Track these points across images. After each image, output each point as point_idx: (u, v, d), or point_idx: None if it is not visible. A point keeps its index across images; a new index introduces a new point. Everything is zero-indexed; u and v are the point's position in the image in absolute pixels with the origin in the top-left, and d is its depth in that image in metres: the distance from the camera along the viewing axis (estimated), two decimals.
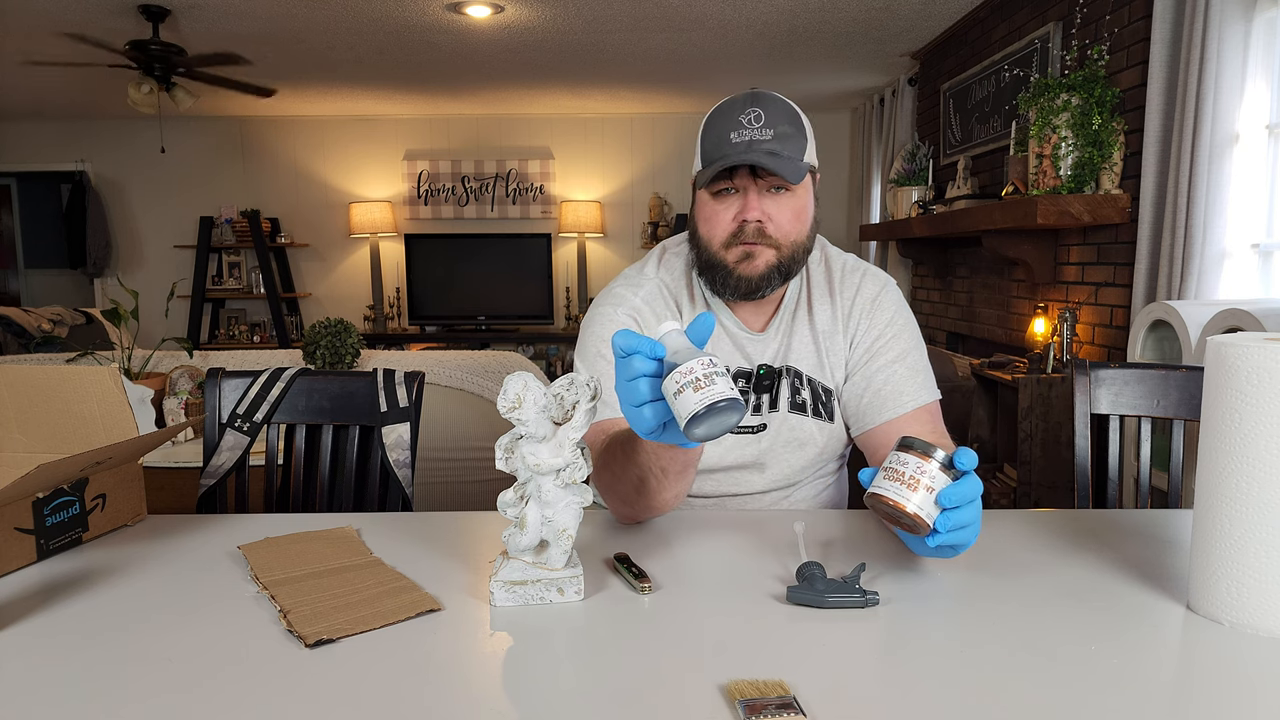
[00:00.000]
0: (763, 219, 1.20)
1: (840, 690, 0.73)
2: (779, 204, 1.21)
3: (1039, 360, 3.08)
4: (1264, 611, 0.82)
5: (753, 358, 1.31)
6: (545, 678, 0.77)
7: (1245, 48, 2.37)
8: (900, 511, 0.88)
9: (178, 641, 0.84)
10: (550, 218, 6.96)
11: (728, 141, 1.19)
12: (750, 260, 1.22)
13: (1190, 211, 2.43)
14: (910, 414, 1.26)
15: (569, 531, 0.92)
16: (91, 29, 4.17)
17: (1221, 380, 0.85)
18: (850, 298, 1.33)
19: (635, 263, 1.40)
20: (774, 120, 1.18)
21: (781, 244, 1.22)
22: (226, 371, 1.57)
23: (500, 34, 4.48)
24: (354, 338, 2.91)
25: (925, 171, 4.66)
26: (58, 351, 3.59)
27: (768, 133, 1.18)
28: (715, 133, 1.21)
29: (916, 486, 0.87)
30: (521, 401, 0.90)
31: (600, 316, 1.31)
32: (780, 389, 1.30)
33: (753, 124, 1.18)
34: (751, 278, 1.22)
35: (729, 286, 1.24)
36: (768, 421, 1.30)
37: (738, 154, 1.17)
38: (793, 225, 1.22)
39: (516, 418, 0.90)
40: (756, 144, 1.17)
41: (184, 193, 6.92)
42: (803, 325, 1.32)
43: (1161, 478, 2.15)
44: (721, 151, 1.19)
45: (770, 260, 1.22)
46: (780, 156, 1.17)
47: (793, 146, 1.19)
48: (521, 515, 0.92)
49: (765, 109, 1.19)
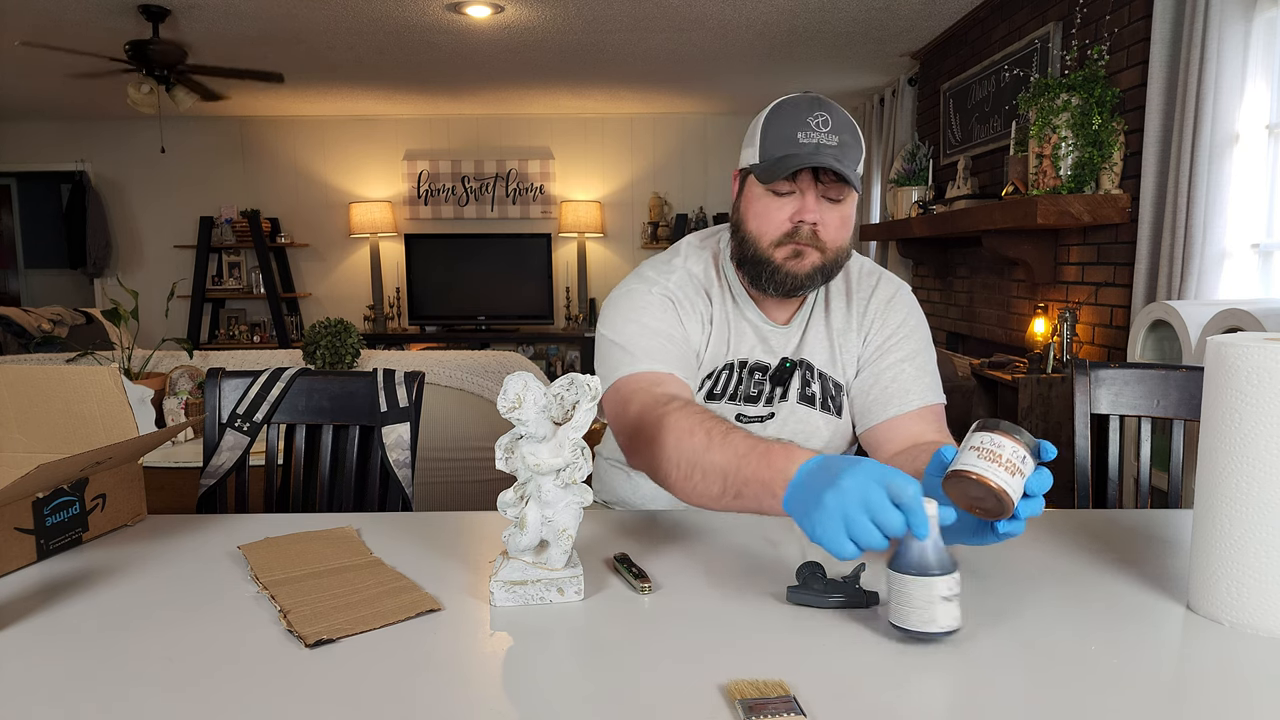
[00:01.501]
0: (818, 222, 1.22)
1: (840, 690, 0.73)
2: (831, 210, 1.23)
3: (1039, 360, 3.08)
4: (1264, 611, 0.82)
5: (776, 350, 1.33)
6: (545, 678, 0.77)
7: (1245, 48, 2.37)
8: (999, 496, 0.84)
9: (178, 641, 0.84)
10: (550, 218, 6.96)
11: (795, 141, 1.19)
12: (799, 259, 1.23)
13: (1190, 211, 2.43)
14: (915, 412, 1.27)
15: (569, 531, 0.92)
16: (92, 29, 4.17)
17: (1221, 380, 0.85)
18: (866, 298, 1.35)
19: (654, 256, 1.40)
20: (839, 128, 1.19)
21: (828, 248, 1.23)
22: (226, 371, 1.57)
23: (500, 34, 4.48)
24: (354, 338, 2.91)
25: (925, 171, 4.66)
26: (58, 351, 3.59)
27: (833, 139, 1.18)
28: (781, 130, 1.20)
29: (1015, 471, 0.84)
30: (521, 401, 0.90)
31: (630, 293, 1.30)
32: (791, 380, 1.32)
33: (820, 128, 1.18)
34: (798, 275, 1.23)
35: (774, 282, 1.25)
36: (776, 411, 1.32)
37: (809, 155, 1.17)
38: (839, 232, 1.24)
39: (516, 418, 0.90)
40: (824, 148, 1.18)
41: (184, 193, 6.92)
42: (819, 322, 1.35)
43: (1161, 478, 2.15)
44: (788, 150, 1.19)
45: (816, 262, 1.23)
46: (845, 164, 1.18)
47: (852, 157, 1.20)
48: (521, 515, 0.92)
49: (832, 115, 1.20)
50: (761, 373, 1.32)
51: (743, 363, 1.32)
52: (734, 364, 1.32)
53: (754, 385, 1.32)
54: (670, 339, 1.25)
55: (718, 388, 1.32)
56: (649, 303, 1.28)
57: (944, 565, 0.80)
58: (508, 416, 0.91)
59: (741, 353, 1.32)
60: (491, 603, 0.91)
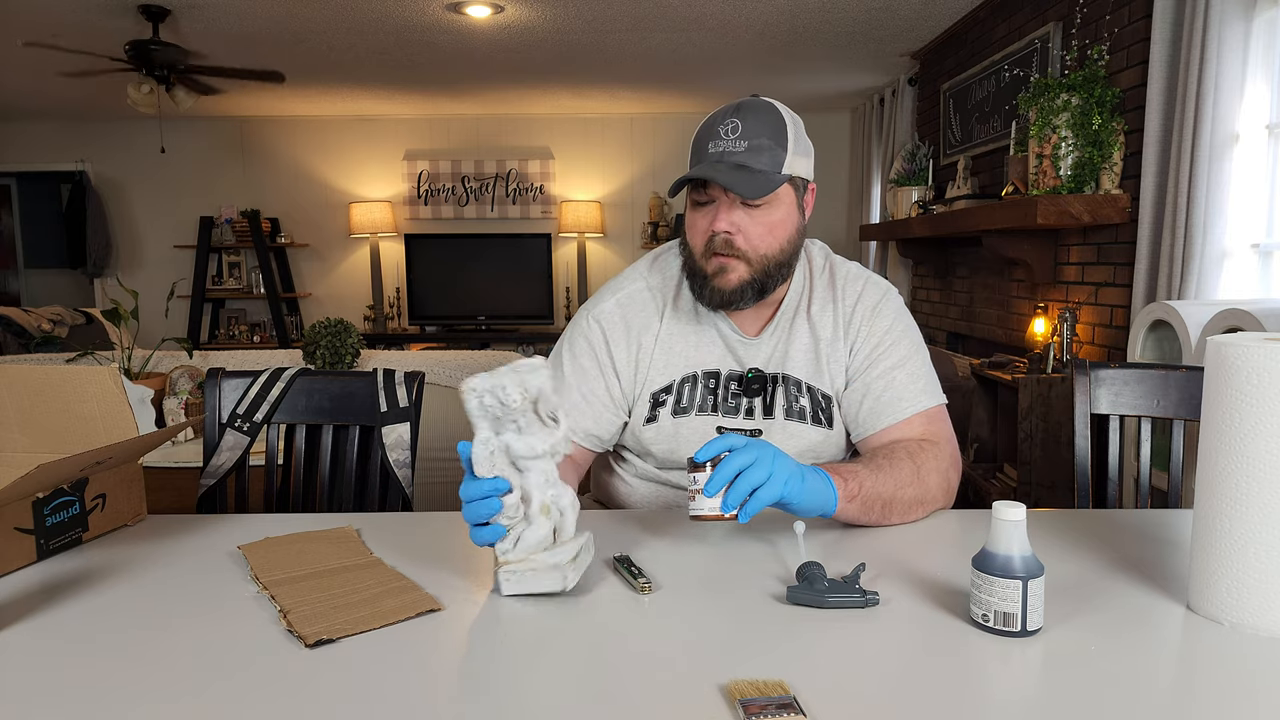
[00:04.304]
0: (731, 231, 1.20)
1: (840, 690, 0.73)
2: (751, 217, 1.20)
3: (1039, 360, 3.08)
4: (1264, 611, 0.82)
5: (745, 361, 1.30)
6: (546, 677, 0.77)
7: (1245, 48, 2.37)
8: (702, 520, 1.00)
9: (178, 641, 0.84)
10: (550, 218, 6.95)
11: (704, 151, 1.19)
12: (724, 274, 1.22)
13: (1190, 211, 2.43)
14: (907, 421, 1.26)
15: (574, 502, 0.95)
16: (92, 29, 4.17)
17: (1221, 380, 0.85)
18: (851, 305, 1.32)
19: (640, 258, 1.41)
20: (752, 132, 1.17)
21: (752, 258, 1.21)
22: (226, 371, 1.57)
23: (500, 34, 4.48)
24: (354, 338, 2.91)
25: (925, 171, 4.66)
26: (58, 351, 3.59)
27: (742, 144, 1.17)
28: (699, 140, 1.22)
29: (695, 495, 0.99)
30: (515, 398, 0.90)
31: (574, 324, 1.35)
32: (775, 397, 1.29)
33: (729, 135, 1.17)
34: (725, 290, 1.22)
35: (704, 296, 1.25)
36: (763, 428, 1.29)
37: (705, 166, 1.18)
38: (763, 239, 1.21)
39: (516, 414, 0.90)
40: (729, 155, 1.17)
41: (184, 193, 6.91)
42: (802, 332, 1.31)
43: (1161, 478, 2.15)
44: (698, 160, 1.20)
45: (743, 275, 1.22)
46: (748, 170, 1.16)
47: (767, 159, 1.17)
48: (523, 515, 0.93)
49: (745, 120, 1.18)
50: (737, 383, 1.30)
51: (709, 373, 1.30)
52: (696, 375, 1.30)
53: (730, 396, 1.29)
54: (585, 396, 1.29)
55: (683, 401, 1.29)
56: (578, 349, 1.32)
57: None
58: (506, 416, 0.90)
59: (708, 363, 1.30)
60: (500, 591, 0.93)
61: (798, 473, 1.03)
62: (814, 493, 1.05)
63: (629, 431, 1.33)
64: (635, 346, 1.31)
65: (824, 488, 1.06)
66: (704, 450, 1.00)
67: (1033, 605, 0.82)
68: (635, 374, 1.31)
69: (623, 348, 1.31)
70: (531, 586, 0.92)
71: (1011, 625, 0.82)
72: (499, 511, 0.92)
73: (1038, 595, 0.82)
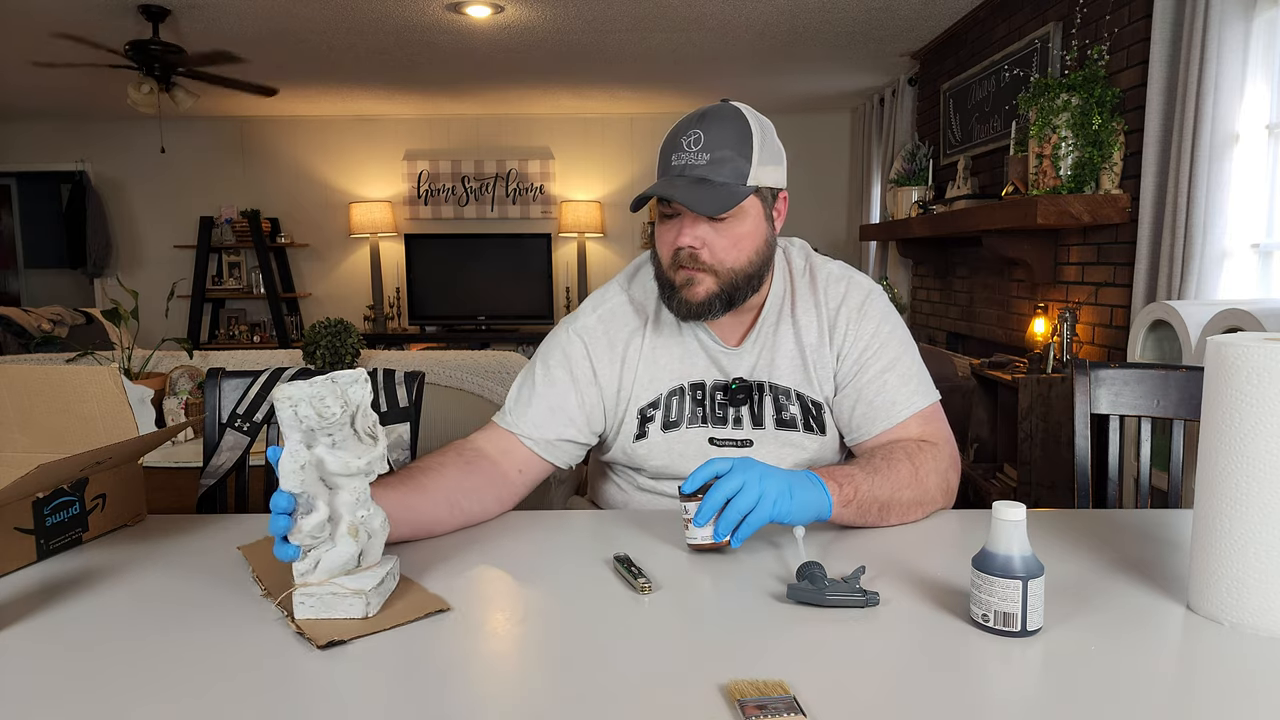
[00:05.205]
0: (696, 245, 1.18)
1: (840, 690, 0.73)
2: (717, 231, 1.18)
3: (1039, 360, 3.08)
4: (1264, 611, 0.82)
5: (729, 371, 1.29)
6: (548, 677, 0.77)
7: (1245, 48, 2.37)
8: (698, 550, 1.05)
9: (178, 642, 0.84)
10: (550, 218, 6.95)
11: (668, 164, 1.18)
12: (691, 286, 1.20)
13: (1190, 211, 2.43)
14: (901, 424, 1.25)
15: (383, 521, 0.92)
16: (92, 29, 4.17)
17: (1221, 380, 0.85)
18: (835, 308, 1.29)
19: (622, 270, 1.40)
20: (714, 143, 1.14)
21: (718, 271, 1.20)
22: (226, 371, 1.57)
23: (500, 34, 4.48)
24: (354, 338, 2.91)
25: (925, 171, 4.66)
26: (58, 351, 3.59)
27: (703, 157, 1.14)
28: (663, 152, 1.20)
29: (688, 525, 1.02)
30: (332, 409, 0.85)
31: (554, 336, 1.34)
32: (764, 406, 1.28)
33: (690, 147, 1.15)
34: (693, 303, 1.21)
35: (674, 307, 1.24)
36: (753, 438, 1.28)
37: (666, 181, 1.17)
38: (729, 252, 1.19)
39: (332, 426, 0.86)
40: (690, 169, 1.15)
41: (184, 193, 6.91)
42: (786, 338, 1.29)
43: (1161, 478, 2.15)
44: (662, 174, 1.19)
45: (711, 288, 1.20)
46: (709, 184, 1.14)
47: (729, 171, 1.15)
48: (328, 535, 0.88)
49: (709, 130, 1.15)
50: (722, 393, 1.28)
51: (695, 385, 1.29)
52: (684, 388, 1.28)
53: (717, 406, 1.28)
54: (552, 408, 1.27)
55: (672, 414, 1.28)
56: (553, 361, 1.30)
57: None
58: (321, 429, 0.85)
59: (693, 375, 1.29)
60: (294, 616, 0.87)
61: (786, 490, 1.01)
62: (806, 505, 1.03)
63: (619, 447, 1.31)
64: (619, 361, 1.29)
65: (817, 496, 1.05)
66: (690, 480, 1.01)
67: (1033, 605, 0.82)
68: (619, 389, 1.29)
69: (606, 362, 1.29)
70: (330, 611, 0.86)
71: (1011, 625, 0.82)
72: (287, 529, 0.86)
73: (1038, 595, 0.82)
